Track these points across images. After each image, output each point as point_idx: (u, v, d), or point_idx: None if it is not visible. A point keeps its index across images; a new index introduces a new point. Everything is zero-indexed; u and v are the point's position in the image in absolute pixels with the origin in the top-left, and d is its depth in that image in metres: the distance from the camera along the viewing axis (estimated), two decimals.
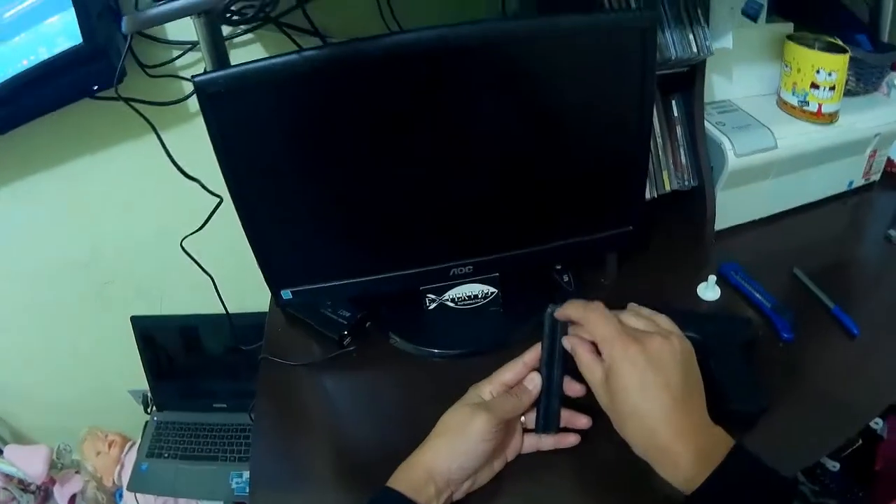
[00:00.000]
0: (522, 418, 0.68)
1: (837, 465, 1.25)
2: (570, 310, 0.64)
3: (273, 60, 0.66)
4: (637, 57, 0.71)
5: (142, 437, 1.40)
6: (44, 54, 0.90)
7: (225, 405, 1.37)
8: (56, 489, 1.55)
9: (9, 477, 1.50)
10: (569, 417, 0.68)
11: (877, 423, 1.22)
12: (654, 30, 0.71)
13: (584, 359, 0.62)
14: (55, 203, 1.12)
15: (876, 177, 1.17)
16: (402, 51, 0.67)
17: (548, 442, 0.68)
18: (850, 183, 1.13)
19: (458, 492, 0.63)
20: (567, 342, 0.64)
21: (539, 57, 0.70)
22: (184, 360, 1.34)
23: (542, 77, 0.72)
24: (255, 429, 0.80)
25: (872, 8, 1.18)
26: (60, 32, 0.89)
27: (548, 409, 0.67)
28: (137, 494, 1.35)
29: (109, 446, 1.44)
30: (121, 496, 1.45)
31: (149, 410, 1.44)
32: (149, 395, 1.43)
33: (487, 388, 0.66)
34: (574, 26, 0.70)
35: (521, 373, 0.67)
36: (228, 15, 0.60)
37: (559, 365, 0.66)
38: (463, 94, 0.71)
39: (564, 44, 0.70)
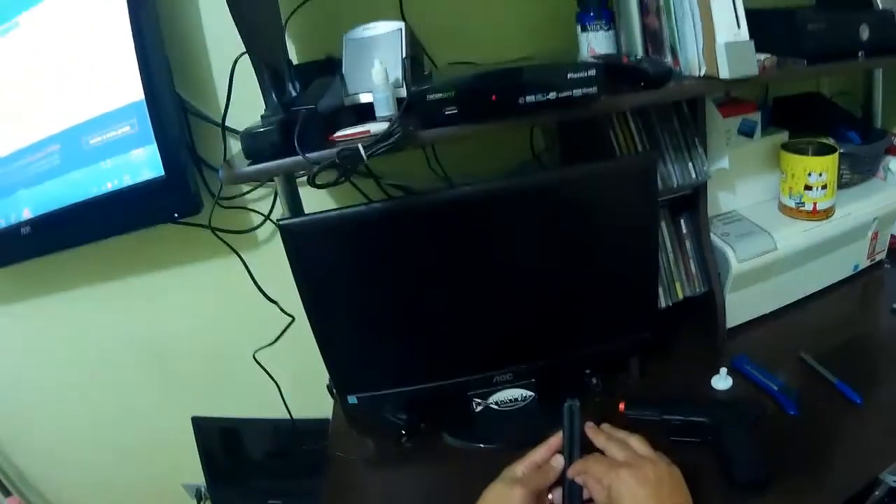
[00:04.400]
0: (550, 496, 0.85)
1: None
2: (578, 467, 0.82)
3: (345, 210, 0.87)
4: (642, 189, 0.92)
5: None
6: (128, 181, 1.10)
7: (280, 502, 1.51)
8: None
9: None
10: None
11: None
12: (655, 168, 0.93)
13: (591, 484, 0.80)
14: (134, 307, 1.33)
15: (881, 256, 1.33)
16: (453, 203, 0.89)
17: None
18: (856, 266, 1.30)
19: None
20: (579, 479, 0.82)
21: (563, 197, 0.91)
22: (241, 459, 1.50)
23: (566, 214, 0.92)
24: None
25: (864, 102, 1.36)
26: (144, 164, 1.09)
27: (571, 486, 0.84)
28: None
29: None
30: None
31: None
32: (202, 488, 1.59)
33: (520, 468, 0.84)
34: (590, 172, 0.93)
35: (547, 454, 0.86)
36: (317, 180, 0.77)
37: (578, 447, 0.84)
38: (502, 233, 0.92)
39: (583, 185, 0.92)
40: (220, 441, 1.49)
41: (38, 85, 1.10)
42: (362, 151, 0.74)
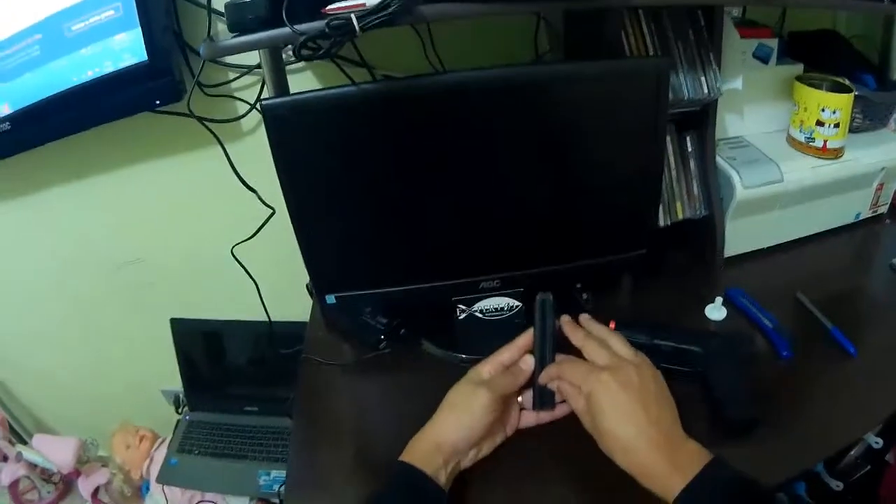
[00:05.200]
0: (519, 398, 0.81)
1: (841, 485, 1.34)
2: (552, 371, 0.78)
3: (332, 91, 0.81)
4: (652, 97, 0.85)
5: (173, 434, 1.53)
6: (109, 68, 1.03)
7: (256, 409, 1.49)
8: (80, 481, 1.65)
9: (32, 466, 1.61)
10: None
11: (877, 443, 1.32)
12: (668, 74, 0.87)
13: (567, 390, 0.75)
14: (110, 205, 1.27)
15: (884, 209, 1.29)
16: (447, 89, 0.82)
17: (545, 416, 0.81)
18: (858, 214, 1.26)
19: (464, 461, 0.75)
20: (553, 385, 0.78)
21: (566, 96, 0.85)
22: (219, 363, 1.47)
23: (568, 113, 0.86)
24: (293, 424, 0.93)
25: (881, 50, 1.31)
26: (127, 49, 1.02)
27: (543, 389, 0.79)
28: (165, 487, 1.48)
29: (140, 440, 1.57)
30: (147, 489, 1.57)
31: (179, 410, 1.57)
32: (180, 395, 1.56)
33: (486, 368, 0.79)
34: (598, 70, 0.86)
35: (516, 355, 0.81)
36: (303, 51, 0.71)
37: (550, 346, 0.79)
38: (497, 128, 0.85)
39: (589, 85, 0.85)
40: (198, 345, 1.46)
41: None
42: (355, 22, 0.67)
